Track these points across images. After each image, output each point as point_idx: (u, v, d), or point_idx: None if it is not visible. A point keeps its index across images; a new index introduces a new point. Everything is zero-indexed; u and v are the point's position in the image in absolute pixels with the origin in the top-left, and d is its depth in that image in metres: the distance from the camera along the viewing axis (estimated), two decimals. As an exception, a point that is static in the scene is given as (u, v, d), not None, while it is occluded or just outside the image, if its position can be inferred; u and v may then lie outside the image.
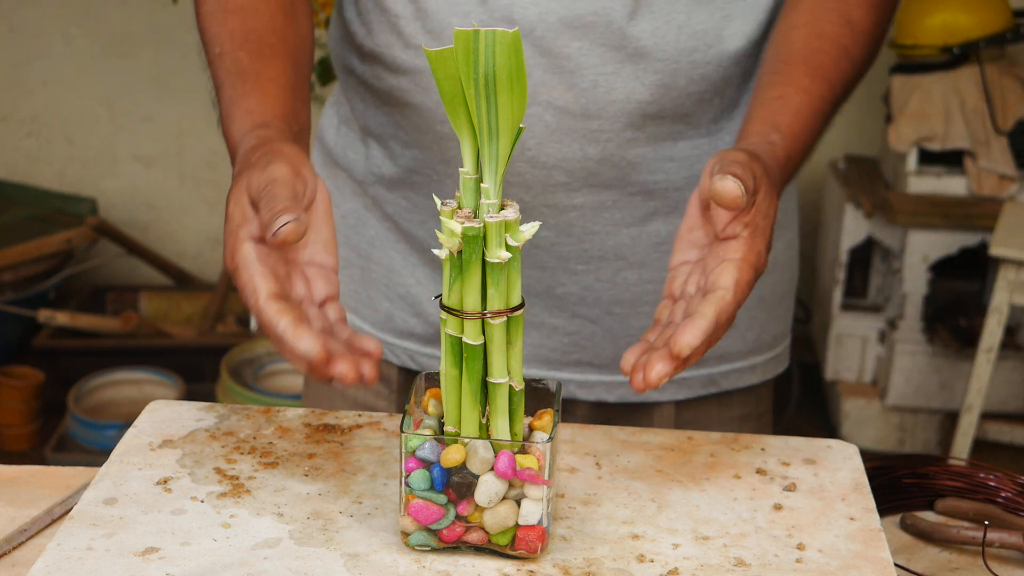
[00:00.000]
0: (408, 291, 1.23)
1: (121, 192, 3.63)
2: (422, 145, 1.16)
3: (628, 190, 1.14)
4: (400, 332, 1.24)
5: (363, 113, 1.22)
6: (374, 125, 1.20)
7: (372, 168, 1.22)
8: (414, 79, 1.13)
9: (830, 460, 1.01)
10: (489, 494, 0.83)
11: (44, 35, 3.48)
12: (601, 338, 1.19)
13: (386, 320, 1.25)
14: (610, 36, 1.08)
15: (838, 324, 3.23)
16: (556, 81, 1.08)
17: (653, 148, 1.12)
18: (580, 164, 1.11)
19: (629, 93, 1.09)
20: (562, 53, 1.08)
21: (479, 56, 0.78)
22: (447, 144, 1.14)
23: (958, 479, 1.10)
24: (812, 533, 0.91)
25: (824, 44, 1.08)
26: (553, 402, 0.90)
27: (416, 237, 1.21)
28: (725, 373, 1.24)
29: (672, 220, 1.16)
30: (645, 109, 1.10)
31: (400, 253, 1.22)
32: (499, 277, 0.82)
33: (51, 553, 0.85)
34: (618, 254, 1.16)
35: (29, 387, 3.03)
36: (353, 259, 1.26)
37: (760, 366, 1.26)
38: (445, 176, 1.16)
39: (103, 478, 0.94)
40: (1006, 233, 2.69)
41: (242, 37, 1.05)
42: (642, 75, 1.09)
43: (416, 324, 1.23)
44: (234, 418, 1.04)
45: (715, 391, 1.24)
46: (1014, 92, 3.07)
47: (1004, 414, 3.15)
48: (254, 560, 0.85)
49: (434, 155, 1.15)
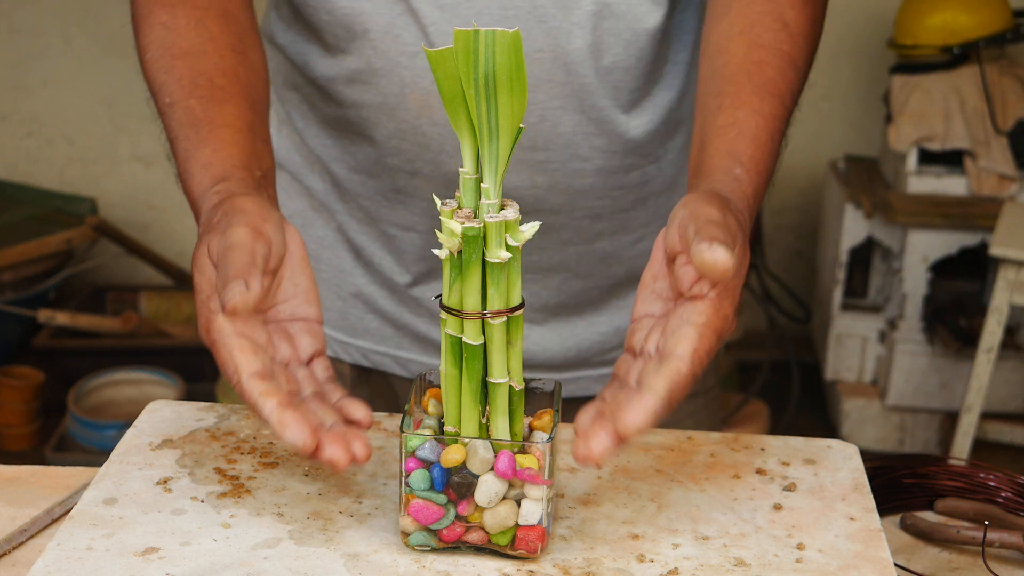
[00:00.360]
0: (360, 289, 1.22)
1: (121, 192, 3.63)
2: (372, 173, 1.15)
3: (575, 215, 1.15)
4: (353, 330, 1.24)
5: (304, 131, 1.20)
6: (317, 145, 1.19)
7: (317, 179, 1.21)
8: (359, 112, 1.12)
9: (830, 460, 1.01)
10: (489, 494, 0.83)
11: (44, 35, 3.48)
12: (548, 340, 1.22)
13: (339, 318, 1.24)
14: (556, 72, 1.08)
15: (838, 324, 3.23)
16: None
17: (601, 178, 1.14)
18: (528, 191, 1.12)
19: (575, 126, 1.10)
20: None
21: (479, 56, 0.78)
22: (397, 175, 1.13)
23: (958, 479, 1.10)
24: (812, 533, 0.91)
25: (766, 55, 1.00)
26: (553, 402, 0.90)
27: (364, 250, 1.20)
28: None
29: (618, 239, 1.18)
30: (592, 142, 1.11)
31: (347, 260, 1.22)
32: (499, 277, 0.82)
33: (51, 553, 0.85)
34: (564, 267, 1.18)
35: (29, 387, 3.03)
36: None
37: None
38: (396, 203, 1.15)
39: (103, 478, 0.94)
40: (1006, 233, 2.69)
41: (191, 83, 0.99)
42: (588, 110, 1.10)
43: (371, 320, 1.22)
44: (234, 418, 1.04)
45: None
46: (1014, 92, 3.07)
47: (1004, 414, 3.15)
48: (254, 560, 0.85)
49: (384, 183, 1.15)
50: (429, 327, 1.21)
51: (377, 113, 1.10)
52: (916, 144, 3.05)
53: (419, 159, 1.11)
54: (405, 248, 1.18)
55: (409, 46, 1.07)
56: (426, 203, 1.14)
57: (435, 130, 1.09)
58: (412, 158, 1.11)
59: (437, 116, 1.08)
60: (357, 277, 1.22)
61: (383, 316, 1.22)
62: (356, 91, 1.11)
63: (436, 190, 1.11)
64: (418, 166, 1.12)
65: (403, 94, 1.08)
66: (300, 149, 1.21)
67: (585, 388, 1.24)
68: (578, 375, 1.24)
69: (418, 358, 1.23)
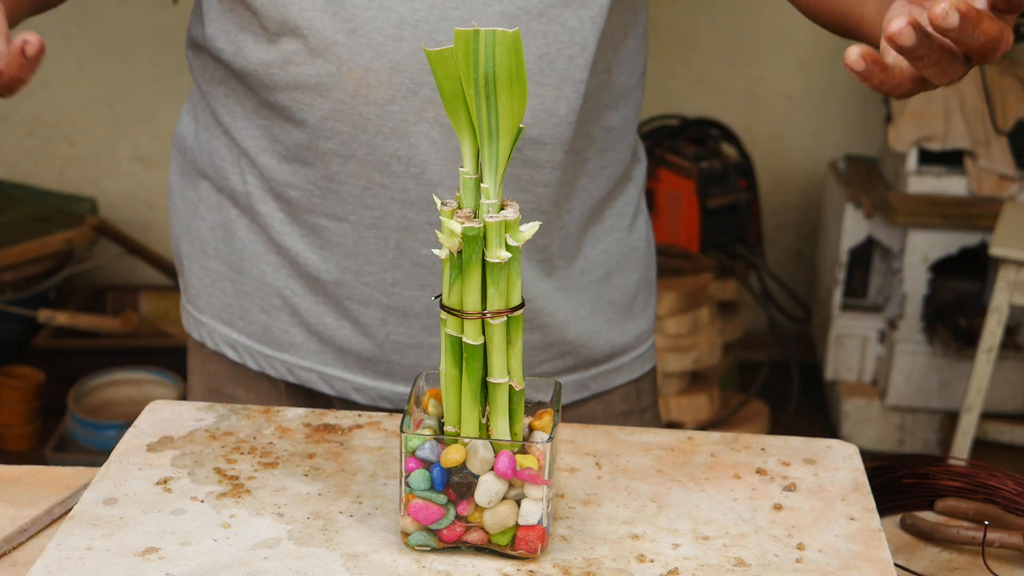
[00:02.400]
0: (285, 300, 1.20)
1: (121, 192, 3.63)
2: (304, 161, 1.13)
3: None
4: (279, 344, 1.22)
5: (231, 125, 1.18)
6: (245, 138, 1.17)
7: (242, 180, 1.19)
8: (293, 96, 1.11)
9: (830, 460, 1.01)
10: (489, 494, 0.83)
11: (44, 35, 3.47)
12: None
13: (264, 332, 1.22)
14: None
15: (838, 324, 3.23)
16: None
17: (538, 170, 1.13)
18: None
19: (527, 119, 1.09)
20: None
21: (479, 56, 0.78)
22: (331, 160, 1.11)
23: (958, 479, 1.10)
24: (812, 533, 0.91)
25: None
26: (553, 402, 0.90)
27: (290, 250, 1.18)
28: (593, 376, 1.26)
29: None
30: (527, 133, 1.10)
31: (271, 265, 1.20)
32: (499, 277, 0.82)
33: (51, 553, 0.85)
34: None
35: (29, 387, 3.03)
36: (224, 272, 1.23)
37: (625, 367, 1.28)
38: (328, 192, 1.13)
39: (103, 478, 0.94)
40: (1006, 233, 2.69)
41: None
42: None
43: (297, 333, 1.20)
44: (234, 418, 1.04)
45: (587, 394, 1.26)
46: (1014, 92, 3.07)
47: (1004, 414, 3.15)
48: (254, 560, 0.85)
49: (316, 171, 1.13)
50: (352, 337, 1.18)
51: (312, 95, 1.09)
52: (916, 144, 3.05)
53: (354, 141, 1.09)
54: (335, 241, 1.15)
55: (346, 23, 1.06)
56: (359, 191, 1.11)
57: (371, 110, 1.08)
58: (347, 140, 1.09)
59: (375, 95, 1.07)
60: (281, 282, 1.20)
61: (308, 328, 1.19)
62: (290, 72, 1.09)
63: (370, 176, 1.10)
64: (353, 148, 1.10)
65: (340, 73, 1.07)
66: (226, 148, 1.19)
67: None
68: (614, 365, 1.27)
69: (342, 375, 1.21)
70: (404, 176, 1.10)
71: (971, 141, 3.03)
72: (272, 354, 1.23)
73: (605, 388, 1.27)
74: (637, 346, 1.29)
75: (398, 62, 1.06)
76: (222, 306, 1.25)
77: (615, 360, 1.27)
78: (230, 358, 1.25)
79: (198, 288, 1.27)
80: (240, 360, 1.25)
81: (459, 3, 1.05)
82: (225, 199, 1.22)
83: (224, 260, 1.23)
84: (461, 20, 1.05)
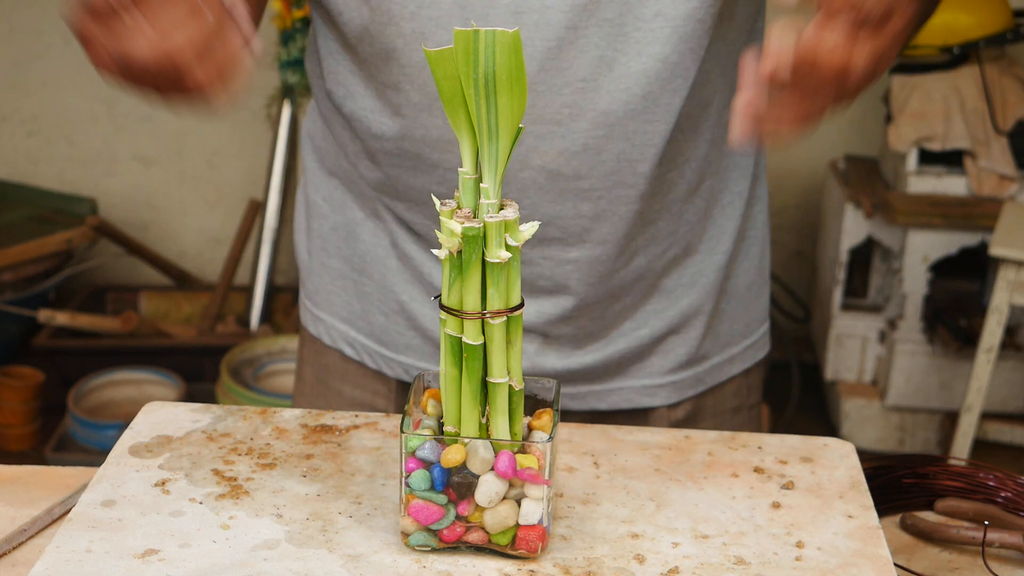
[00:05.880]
0: (403, 306, 1.21)
1: (121, 192, 3.63)
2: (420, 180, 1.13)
3: (620, 243, 1.14)
4: (396, 346, 1.23)
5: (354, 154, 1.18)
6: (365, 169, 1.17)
7: (364, 182, 1.20)
8: (400, 144, 1.11)
9: (827, 458, 1.01)
10: (489, 494, 0.83)
11: (44, 35, 3.48)
12: (591, 359, 1.20)
13: (382, 333, 1.23)
14: (599, 100, 1.06)
15: (838, 324, 3.22)
16: (547, 147, 1.07)
17: (645, 203, 1.12)
18: (574, 221, 1.11)
19: (619, 154, 1.08)
20: (553, 119, 1.06)
21: (479, 56, 0.78)
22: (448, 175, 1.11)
23: (958, 479, 1.10)
24: (811, 531, 0.91)
25: None
26: (552, 402, 0.90)
27: (412, 258, 1.19)
28: (708, 370, 1.25)
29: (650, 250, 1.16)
30: (636, 168, 1.09)
31: (391, 270, 1.21)
32: (499, 277, 0.82)
33: (50, 556, 0.85)
34: (610, 295, 1.17)
35: (29, 387, 3.03)
36: (347, 272, 1.24)
37: (738, 355, 1.27)
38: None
39: (100, 480, 0.94)
40: (1006, 233, 2.69)
41: None
42: (632, 136, 1.08)
43: (413, 337, 1.22)
44: (230, 419, 1.04)
45: (703, 388, 1.25)
46: (1014, 92, 3.06)
47: (1004, 414, 3.15)
48: (254, 561, 0.85)
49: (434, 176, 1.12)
50: None
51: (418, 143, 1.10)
52: (916, 144, 3.04)
53: None
54: None
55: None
56: None
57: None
58: None
59: None
60: (402, 288, 1.21)
61: (424, 333, 1.21)
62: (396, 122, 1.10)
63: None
64: None
65: None
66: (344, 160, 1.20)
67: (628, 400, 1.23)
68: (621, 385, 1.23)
69: None
70: None
71: (971, 141, 3.02)
72: (390, 355, 1.23)
73: (719, 380, 1.26)
74: (749, 334, 1.28)
75: None
76: (342, 304, 1.25)
77: (728, 350, 1.26)
78: (347, 355, 1.26)
79: (317, 285, 1.27)
80: (358, 358, 1.25)
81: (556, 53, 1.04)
82: (352, 200, 1.22)
83: (346, 260, 1.24)
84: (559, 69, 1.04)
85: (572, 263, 1.14)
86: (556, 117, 1.06)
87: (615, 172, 1.09)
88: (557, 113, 1.06)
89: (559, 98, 1.05)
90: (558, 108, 1.06)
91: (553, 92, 1.05)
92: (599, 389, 1.22)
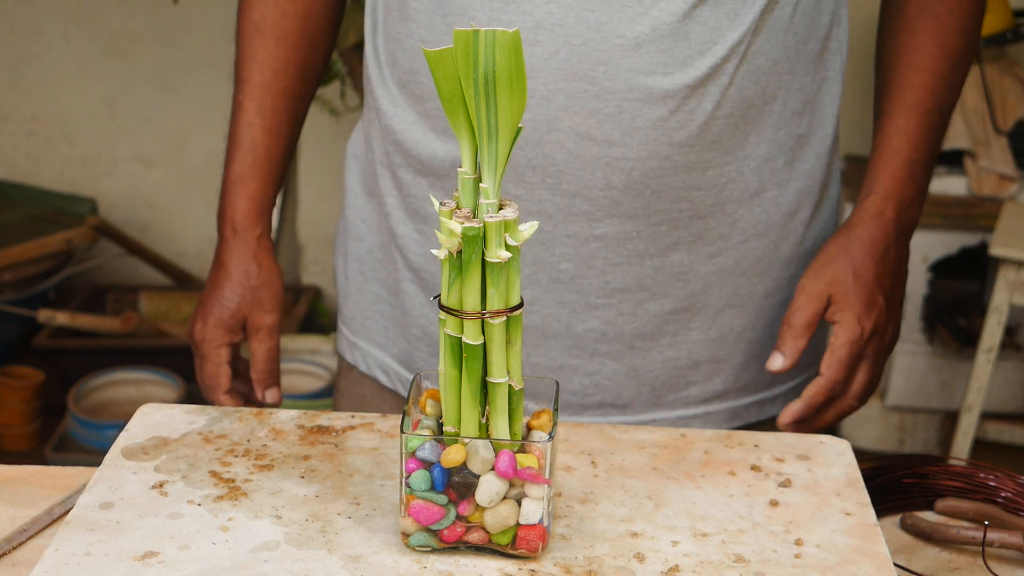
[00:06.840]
0: (424, 331, 1.19)
1: (121, 192, 3.63)
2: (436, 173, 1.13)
3: (652, 219, 1.09)
4: (418, 369, 1.21)
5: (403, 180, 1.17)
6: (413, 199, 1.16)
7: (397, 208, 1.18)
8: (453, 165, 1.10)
9: (823, 456, 1.01)
10: (490, 494, 0.83)
11: (44, 35, 3.48)
12: (623, 376, 1.15)
13: (405, 357, 1.22)
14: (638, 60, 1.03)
15: (838, 324, 3.22)
16: (579, 107, 1.04)
17: (679, 177, 1.08)
18: (603, 192, 1.07)
19: (656, 120, 1.04)
20: (587, 77, 1.03)
21: (479, 56, 0.78)
22: None
23: (958, 479, 1.10)
24: (809, 528, 0.91)
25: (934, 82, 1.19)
26: (551, 401, 0.90)
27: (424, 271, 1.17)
28: (771, 398, 1.21)
29: (695, 249, 1.12)
30: (672, 136, 1.06)
31: (410, 295, 1.19)
32: (499, 277, 0.82)
33: (50, 559, 0.85)
34: (640, 285, 1.12)
35: (29, 387, 3.03)
36: (382, 294, 1.23)
37: (799, 385, 1.22)
38: None
39: (98, 482, 0.94)
40: (1006, 233, 2.69)
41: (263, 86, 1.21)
42: (669, 100, 1.04)
43: (435, 363, 1.18)
44: (226, 420, 1.04)
45: (765, 418, 1.21)
46: (1014, 92, 3.06)
47: (1004, 414, 3.15)
48: (254, 563, 0.85)
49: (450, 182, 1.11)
50: None
51: None
52: (916, 144, 3.04)
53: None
54: None
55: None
56: None
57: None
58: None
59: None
60: (424, 314, 1.18)
61: None
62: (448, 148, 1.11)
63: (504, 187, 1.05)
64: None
65: None
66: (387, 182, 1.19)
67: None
68: (653, 416, 1.17)
69: None
70: (539, 187, 1.07)
71: (971, 141, 3.02)
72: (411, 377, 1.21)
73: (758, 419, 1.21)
74: (810, 365, 1.19)
75: (531, 67, 1.02)
76: (378, 329, 1.24)
77: (791, 381, 1.21)
78: (381, 382, 1.24)
79: (354, 310, 1.26)
80: (391, 386, 1.24)
81: (596, 5, 1.02)
82: (383, 221, 1.20)
83: (382, 283, 1.22)
84: (598, 23, 1.02)
85: (598, 240, 1.09)
86: (590, 75, 1.03)
87: (651, 141, 1.05)
88: (591, 71, 1.03)
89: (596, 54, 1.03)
90: (592, 65, 1.03)
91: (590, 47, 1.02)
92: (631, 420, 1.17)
